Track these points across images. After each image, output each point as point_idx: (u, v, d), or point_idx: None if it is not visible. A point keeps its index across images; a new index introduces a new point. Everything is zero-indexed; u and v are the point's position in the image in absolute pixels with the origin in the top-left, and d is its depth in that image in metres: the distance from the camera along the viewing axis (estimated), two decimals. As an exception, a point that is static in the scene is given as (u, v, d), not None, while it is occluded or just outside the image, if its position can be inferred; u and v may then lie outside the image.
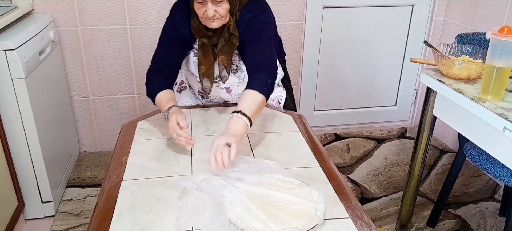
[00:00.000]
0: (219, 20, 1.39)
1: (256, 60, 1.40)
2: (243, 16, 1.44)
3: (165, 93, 1.41)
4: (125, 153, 1.33)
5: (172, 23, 1.50)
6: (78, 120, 2.53)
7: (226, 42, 1.47)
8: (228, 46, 1.48)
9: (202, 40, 1.47)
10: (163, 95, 1.41)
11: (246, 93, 1.31)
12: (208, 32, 1.45)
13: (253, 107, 1.27)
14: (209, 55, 1.50)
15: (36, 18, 2.14)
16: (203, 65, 1.51)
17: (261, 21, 1.44)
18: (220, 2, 1.34)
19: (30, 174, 1.92)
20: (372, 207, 2.17)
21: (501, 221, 2.08)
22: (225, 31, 1.44)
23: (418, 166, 1.85)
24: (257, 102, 1.30)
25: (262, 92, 1.31)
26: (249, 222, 0.97)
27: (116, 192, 1.12)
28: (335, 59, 2.79)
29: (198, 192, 1.05)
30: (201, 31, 1.45)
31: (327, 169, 1.25)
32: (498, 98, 1.38)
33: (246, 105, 1.27)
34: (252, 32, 1.43)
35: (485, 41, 1.77)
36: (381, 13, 2.72)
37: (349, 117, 2.99)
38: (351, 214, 1.05)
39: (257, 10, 1.45)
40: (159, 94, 1.41)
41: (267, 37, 1.45)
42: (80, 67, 2.41)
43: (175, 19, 1.50)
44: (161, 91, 1.41)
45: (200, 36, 1.46)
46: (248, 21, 1.44)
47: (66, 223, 2.00)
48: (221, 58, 1.49)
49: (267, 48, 1.44)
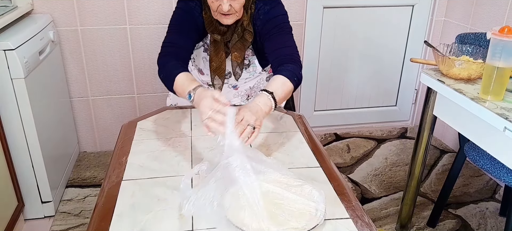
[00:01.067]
0: (233, 16, 1.34)
1: (281, 53, 1.35)
2: (260, 8, 1.39)
3: (186, 75, 1.25)
4: (125, 153, 1.33)
5: (187, 9, 1.40)
6: (78, 120, 2.53)
7: (239, 39, 1.42)
8: (241, 43, 1.43)
9: (215, 36, 1.42)
10: (186, 76, 1.24)
11: (277, 78, 1.24)
12: (221, 27, 1.40)
13: (282, 94, 1.22)
14: (221, 51, 1.46)
15: (36, 18, 2.14)
16: (214, 62, 1.47)
17: (279, 14, 1.40)
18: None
19: (30, 174, 1.92)
20: (372, 207, 2.16)
21: (501, 221, 2.08)
22: (239, 27, 1.40)
23: (419, 166, 1.85)
24: (287, 90, 1.24)
25: (292, 81, 1.26)
26: (249, 222, 0.97)
27: (116, 192, 1.12)
28: (335, 59, 2.79)
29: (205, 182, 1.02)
30: (213, 25, 1.40)
31: (327, 169, 1.25)
32: (498, 99, 1.38)
33: (276, 88, 1.20)
34: (272, 26, 1.38)
35: (486, 41, 1.77)
36: (381, 13, 2.71)
37: (349, 117, 2.99)
38: (352, 214, 1.05)
39: (273, 1, 1.41)
40: (179, 75, 1.24)
41: (288, 30, 1.40)
42: (79, 67, 2.41)
43: (190, 6, 1.40)
44: (182, 72, 1.25)
45: (212, 31, 1.41)
46: (266, 13, 1.39)
47: (66, 223, 2.00)
48: (234, 55, 1.45)
49: (289, 40, 1.39)
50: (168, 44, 1.37)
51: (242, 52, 1.46)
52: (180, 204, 1.07)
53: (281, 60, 1.32)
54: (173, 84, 1.25)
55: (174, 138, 1.42)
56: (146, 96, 2.56)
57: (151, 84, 2.53)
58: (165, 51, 1.36)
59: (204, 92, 1.12)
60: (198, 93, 1.14)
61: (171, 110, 1.63)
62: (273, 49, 1.37)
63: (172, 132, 1.46)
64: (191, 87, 1.17)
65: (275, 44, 1.37)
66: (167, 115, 1.57)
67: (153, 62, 2.45)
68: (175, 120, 1.55)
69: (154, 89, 2.54)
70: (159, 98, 2.55)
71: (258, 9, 1.39)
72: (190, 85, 1.18)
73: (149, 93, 2.55)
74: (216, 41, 1.43)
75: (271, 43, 1.38)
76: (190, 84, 1.18)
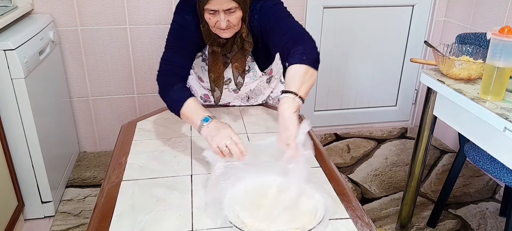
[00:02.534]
0: (232, 30, 1.32)
1: (284, 41, 1.27)
2: (253, 9, 1.36)
3: (193, 101, 1.23)
4: (124, 153, 1.33)
5: (185, 24, 1.38)
6: (78, 120, 2.53)
7: (239, 49, 1.41)
8: (241, 53, 1.42)
9: (214, 48, 1.41)
10: (194, 103, 1.22)
11: (289, 70, 1.15)
12: (220, 39, 1.39)
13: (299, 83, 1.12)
14: (219, 63, 1.44)
15: (36, 18, 2.14)
16: (212, 73, 1.46)
17: (271, 4, 1.36)
18: (233, 11, 1.27)
19: (30, 174, 1.92)
20: (372, 207, 2.16)
21: (501, 221, 2.08)
22: (238, 38, 1.38)
23: (419, 166, 1.85)
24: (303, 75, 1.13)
25: (305, 62, 1.14)
26: (249, 222, 0.97)
27: (115, 192, 1.12)
28: (335, 59, 2.79)
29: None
30: (212, 37, 1.38)
31: (327, 169, 1.25)
32: (498, 99, 1.38)
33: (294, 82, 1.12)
34: (267, 20, 1.35)
35: (486, 41, 1.77)
36: (381, 13, 2.71)
37: (349, 117, 2.99)
38: (352, 214, 1.05)
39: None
40: (187, 102, 1.22)
41: (285, 15, 1.36)
42: (80, 67, 2.41)
43: (187, 20, 1.38)
44: (189, 98, 1.22)
45: (211, 43, 1.40)
46: (259, 11, 1.36)
47: (66, 223, 2.00)
48: (235, 66, 1.45)
49: (288, 24, 1.33)
50: (166, 62, 1.35)
51: (243, 62, 1.45)
52: (180, 204, 1.07)
53: (287, 49, 1.24)
54: (180, 109, 1.23)
55: (174, 138, 1.42)
56: (146, 96, 2.56)
57: (151, 84, 2.52)
58: (165, 70, 1.33)
59: (222, 123, 1.16)
60: (216, 121, 1.16)
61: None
62: (276, 41, 1.33)
63: (172, 132, 1.46)
64: (206, 113, 1.18)
65: (276, 36, 1.32)
66: (167, 115, 1.57)
67: (153, 62, 2.45)
68: (175, 120, 1.55)
69: (154, 89, 2.54)
70: (159, 98, 2.53)
71: (252, 10, 1.37)
72: (204, 111, 1.19)
73: (149, 93, 2.55)
74: (215, 52, 1.42)
75: (272, 38, 1.35)
76: (204, 110, 1.19)
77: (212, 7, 1.25)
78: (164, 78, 1.32)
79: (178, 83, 1.29)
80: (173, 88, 1.27)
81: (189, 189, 1.14)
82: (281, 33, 1.30)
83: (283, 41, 1.28)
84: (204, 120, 1.16)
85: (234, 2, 1.25)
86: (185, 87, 1.28)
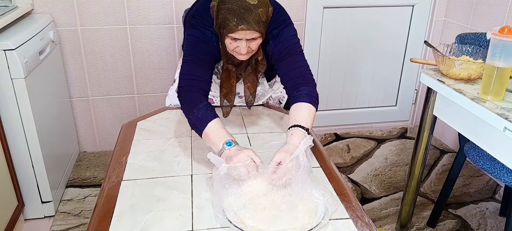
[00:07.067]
0: (250, 54, 1.35)
1: (294, 75, 1.35)
2: (269, 32, 1.39)
3: (217, 122, 1.23)
4: (125, 153, 1.33)
5: (206, 39, 1.38)
6: (78, 120, 2.53)
7: (253, 70, 1.46)
8: (254, 74, 1.48)
9: (229, 66, 1.44)
10: (217, 125, 1.22)
11: (301, 107, 1.26)
12: (235, 60, 1.41)
13: (310, 121, 1.24)
14: (232, 79, 1.49)
15: (36, 18, 2.14)
16: (224, 88, 1.50)
17: (289, 35, 1.40)
18: (255, 39, 1.29)
19: (30, 174, 1.92)
20: (372, 207, 2.16)
21: (501, 221, 2.08)
22: (253, 60, 1.43)
23: (419, 166, 1.85)
24: (312, 115, 1.26)
25: (314, 105, 1.28)
26: (249, 222, 0.97)
27: (116, 192, 1.12)
28: (335, 59, 2.79)
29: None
30: (228, 56, 1.41)
31: (327, 169, 1.25)
32: (498, 99, 1.38)
33: (304, 119, 1.23)
34: (283, 48, 1.39)
35: (486, 41, 1.77)
36: (381, 13, 2.71)
37: (349, 117, 2.99)
38: (352, 214, 1.05)
39: (282, 23, 1.41)
40: (211, 123, 1.22)
41: (298, 50, 1.41)
42: (80, 67, 2.41)
43: (207, 35, 1.38)
44: (213, 119, 1.23)
45: (227, 61, 1.43)
46: (275, 38, 1.40)
47: (66, 223, 2.00)
48: (247, 86, 1.50)
49: (301, 61, 1.39)
50: (188, 76, 1.33)
51: (255, 82, 1.50)
52: (180, 204, 1.07)
53: (295, 83, 1.33)
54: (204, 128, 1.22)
55: (174, 138, 1.42)
56: (146, 96, 2.56)
57: (151, 84, 2.53)
58: (188, 85, 1.32)
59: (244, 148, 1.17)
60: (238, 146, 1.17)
61: (171, 111, 1.63)
62: (285, 72, 1.37)
63: (172, 132, 1.46)
64: (229, 137, 1.19)
65: (287, 67, 1.37)
66: (167, 115, 1.57)
67: (153, 62, 2.45)
68: (175, 120, 1.56)
69: (154, 89, 2.54)
70: (159, 98, 2.55)
71: (268, 33, 1.39)
72: (227, 135, 1.20)
73: (149, 93, 2.56)
74: (229, 70, 1.45)
75: (283, 66, 1.38)
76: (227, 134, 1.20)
77: (236, 36, 1.27)
78: (188, 94, 1.30)
79: (203, 100, 1.28)
80: (198, 106, 1.25)
81: (189, 189, 1.14)
82: (292, 67, 1.37)
83: (293, 74, 1.35)
84: (226, 143, 1.17)
85: (257, 32, 1.27)
86: (210, 106, 1.26)
